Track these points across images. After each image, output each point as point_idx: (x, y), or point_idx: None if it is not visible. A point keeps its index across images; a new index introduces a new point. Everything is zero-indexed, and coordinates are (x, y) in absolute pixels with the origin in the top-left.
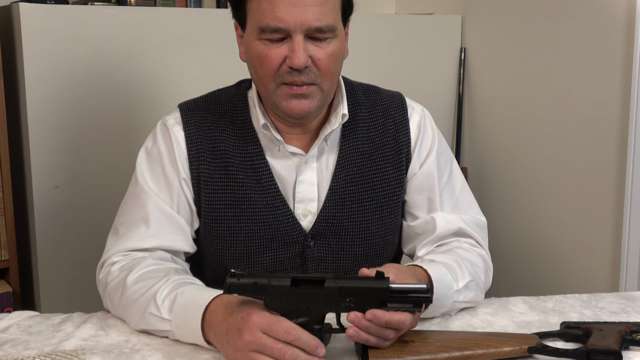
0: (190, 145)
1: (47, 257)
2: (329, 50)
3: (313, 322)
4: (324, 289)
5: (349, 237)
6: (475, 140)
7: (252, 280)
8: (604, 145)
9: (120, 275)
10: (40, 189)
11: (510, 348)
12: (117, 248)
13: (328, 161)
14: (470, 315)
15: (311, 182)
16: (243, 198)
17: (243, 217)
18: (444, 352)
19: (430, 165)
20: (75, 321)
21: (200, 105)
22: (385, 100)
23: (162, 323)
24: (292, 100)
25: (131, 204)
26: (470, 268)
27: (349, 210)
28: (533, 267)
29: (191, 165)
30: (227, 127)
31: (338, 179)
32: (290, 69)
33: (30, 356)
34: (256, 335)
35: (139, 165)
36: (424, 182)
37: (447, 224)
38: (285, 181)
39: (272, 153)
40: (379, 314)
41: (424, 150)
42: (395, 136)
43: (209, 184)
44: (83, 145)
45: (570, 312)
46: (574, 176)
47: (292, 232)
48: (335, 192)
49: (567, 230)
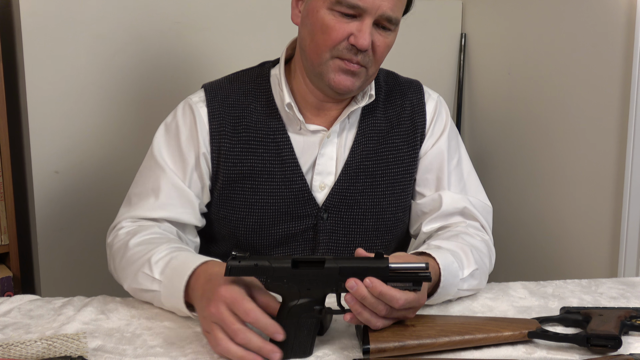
0: (213, 121)
1: (47, 241)
2: (388, 41)
3: (314, 303)
4: (324, 269)
5: (361, 211)
6: (475, 126)
7: (253, 262)
8: (603, 131)
9: (125, 239)
10: (40, 174)
11: (511, 333)
12: (126, 215)
13: (347, 138)
14: (470, 300)
15: (331, 156)
16: (262, 171)
17: (260, 190)
18: (444, 336)
19: (441, 146)
20: (76, 305)
21: (224, 85)
22: (403, 85)
23: (152, 283)
24: (341, 74)
25: (144, 175)
26: (477, 256)
27: (362, 184)
28: (533, 253)
29: (212, 139)
30: (250, 104)
31: (354, 154)
32: (350, 46)
33: (32, 340)
34: (219, 309)
35: (155, 138)
36: (434, 161)
37: (453, 201)
38: (307, 154)
39: (294, 129)
40: (375, 282)
41: (437, 131)
42: (412, 117)
43: (229, 157)
44: (83, 131)
45: (570, 297)
46: (573, 162)
47: (307, 205)
48: (350, 166)
49: (566, 216)
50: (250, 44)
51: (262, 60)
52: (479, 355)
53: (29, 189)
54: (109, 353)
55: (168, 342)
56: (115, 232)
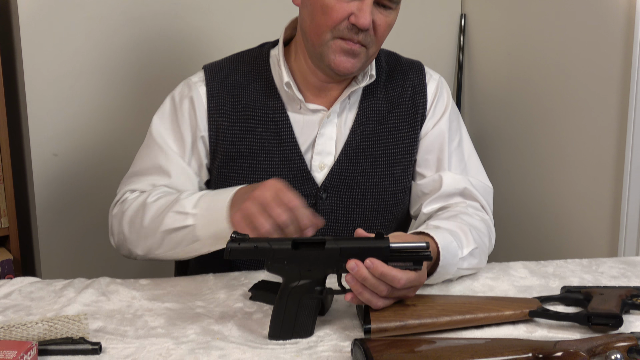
0: (211, 99)
1: (47, 224)
2: (389, 20)
3: (315, 284)
4: (324, 250)
5: (360, 191)
6: (475, 107)
7: (253, 244)
8: (604, 112)
9: (139, 199)
10: (39, 157)
11: (512, 312)
12: (127, 188)
13: (347, 118)
14: (471, 279)
15: (330, 137)
16: (260, 150)
17: (258, 169)
18: (445, 315)
19: (442, 126)
20: (77, 287)
21: (223, 65)
22: (404, 66)
23: (185, 218)
24: (342, 56)
25: (144, 155)
26: (476, 235)
27: (362, 164)
28: (533, 233)
29: (210, 118)
30: (249, 84)
31: (354, 134)
32: (351, 26)
33: (33, 321)
34: (264, 192)
35: (155, 119)
36: (434, 141)
37: (453, 182)
38: (306, 134)
39: (293, 108)
40: (376, 263)
41: (438, 111)
42: (413, 97)
43: (227, 136)
44: (81, 113)
45: (570, 276)
46: (573, 142)
47: (306, 185)
48: (350, 146)
49: (566, 196)
50: (249, 25)
51: (262, 42)
52: (480, 334)
53: (28, 171)
54: (110, 334)
55: (169, 323)
56: (122, 201)
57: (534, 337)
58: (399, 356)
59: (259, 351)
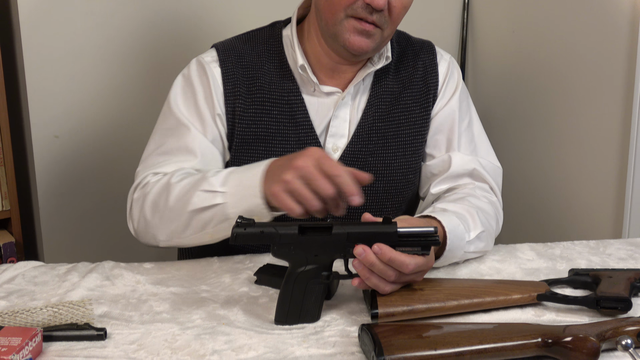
0: (227, 81)
1: (49, 207)
2: (404, 1)
3: (321, 269)
4: (332, 235)
5: (372, 173)
6: (478, 85)
7: (259, 229)
8: (609, 90)
9: (162, 180)
10: (39, 139)
11: (519, 295)
12: (153, 170)
13: (361, 100)
14: (477, 262)
15: (344, 119)
16: (276, 133)
17: (274, 152)
18: (453, 300)
19: (453, 106)
20: (81, 271)
21: (236, 45)
22: (415, 46)
23: (214, 197)
24: (356, 35)
25: (167, 135)
26: (483, 218)
27: (374, 146)
28: (537, 213)
29: (227, 100)
30: (263, 65)
31: (367, 116)
32: (366, 5)
33: (37, 307)
34: (306, 161)
35: (173, 99)
36: (444, 122)
37: (462, 163)
38: (320, 117)
39: (308, 91)
40: (384, 248)
41: (449, 92)
42: (424, 77)
43: (243, 119)
44: (82, 94)
45: (577, 258)
46: (578, 121)
47: None
48: (362, 129)
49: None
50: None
51: (272, 20)
52: (488, 319)
53: (29, 154)
54: (115, 319)
55: (175, 308)
56: (143, 185)
57: (542, 321)
58: (407, 341)
59: (265, 336)
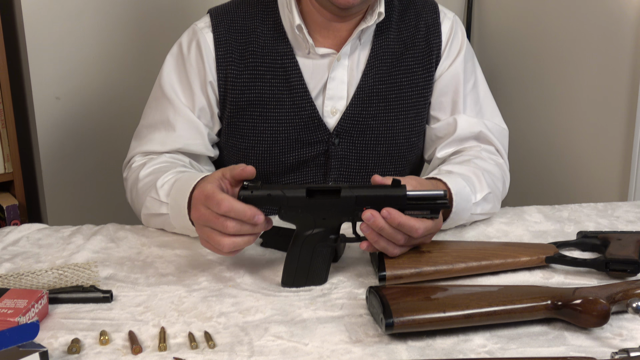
0: (219, 47)
1: (52, 169)
2: None
3: (329, 232)
4: (340, 198)
5: (374, 136)
6: (484, 45)
7: (266, 192)
8: (616, 50)
9: (136, 171)
10: (40, 100)
11: (528, 258)
12: (137, 150)
13: (359, 59)
14: (485, 225)
15: (342, 80)
16: (270, 98)
17: (269, 117)
18: (461, 262)
19: (458, 67)
20: (85, 233)
21: (230, 9)
22: (418, 5)
23: (160, 206)
24: None
25: (153, 107)
26: (489, 179)
27: (375, 108)
28: (544, 175)
29: (219, 66)
30: (256, 27)
31: (367, 77)
32: None
33: (42, 269)
34: (200, 210)
35: (163, 69)
36: (449, 83)
37: (468, 126)
38: (316, 79)
39: (302, 53)
40: (393, 212)
41: (453, 52)
42: (427, 37)
43: (236, 85)
44: (83, 54)
45: (586, 221)
46: (586, 81)
47: (317, 131)
48: (363, 90)
49: (577, 138)
50: None
51: None
52: (496, 281)
53: (30, 115)
54: (120, 282)
55: (180, 270)
56: (129, 167)
57: (550, 284)
58: (416, 304)
59: (272, 299)
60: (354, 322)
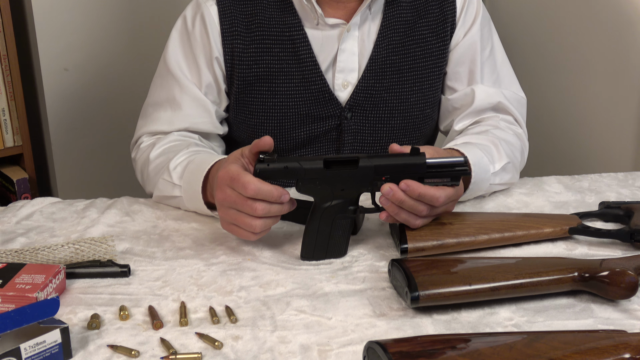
0: (224, 20)
1: (61, 141)
2: None
3: (348, 204)
4: (358, 169)
5: (387, 109)
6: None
7: (282, 164)
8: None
9: (146, 152)
10: (49, 72)
11: (551, 229)
12: (144, 130)
13: (370, 30)
14: (504, 195)
15: (352, 52)
16: (278, 72)
17: (277, 92)
18: (483, 234)
19: (474, 35)
20: (99, 207)
21: None
22: None
23: (173, 189)
24: None
25: (158, 85)
26: (508, 149)
27: (388, 80)
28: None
29: (224, 40)
30: None
31: (379, 48)
32: None
33: (58, 244)
34: (226, 192)
35: (168, 44)
36: (466, 52)
37: (486, 96)
38: (326, 51)
39: (311, 24)
40: (412, 184)
41: (469, 19)
42: (441, 5)
43: (243, 59)
44: (91, 25)
45: (606, 191)
46: (604, 46)
47: (329, 105)
48: (375, 62)
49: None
50: None
51: None
52: (519, 253)
53: (38, 87)
54: (137, 256)
55: (197, 244)
56: (137, 148)
57: (574, 255)
58: (440, 277)
59: (292, 272)
60: (377, 296)
